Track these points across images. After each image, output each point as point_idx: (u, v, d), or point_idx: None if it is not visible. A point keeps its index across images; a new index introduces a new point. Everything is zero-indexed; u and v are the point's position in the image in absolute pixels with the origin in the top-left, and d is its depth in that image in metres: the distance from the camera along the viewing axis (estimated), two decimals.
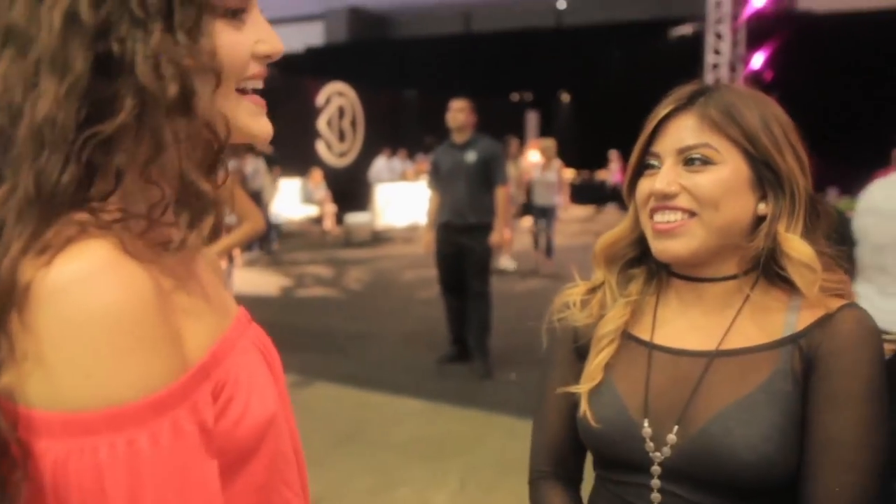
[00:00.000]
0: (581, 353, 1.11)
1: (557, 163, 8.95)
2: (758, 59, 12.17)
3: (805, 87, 13.66)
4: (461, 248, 4.99)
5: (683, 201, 0.98)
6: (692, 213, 0.98)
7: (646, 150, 1.04)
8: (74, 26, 0.59)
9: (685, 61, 12.67)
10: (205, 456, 0.61)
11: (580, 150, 17.91)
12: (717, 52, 11.06)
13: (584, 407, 1.03)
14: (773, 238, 0.98)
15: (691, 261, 1.02)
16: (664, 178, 0.99)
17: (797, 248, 0.97)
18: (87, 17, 0.59)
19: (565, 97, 21.19)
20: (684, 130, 1.00)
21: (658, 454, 0.98)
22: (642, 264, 1.10)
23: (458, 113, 4.92)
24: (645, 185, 1.02)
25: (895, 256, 2.68)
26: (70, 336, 0.55)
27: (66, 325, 0.55)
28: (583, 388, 1.05)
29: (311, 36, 22.86)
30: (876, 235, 2.74)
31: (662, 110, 1.02)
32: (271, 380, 0.73)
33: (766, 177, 0.99)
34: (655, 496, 0.98)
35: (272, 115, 0.72)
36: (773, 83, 12.64)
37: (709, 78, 10.90)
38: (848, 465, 0.91)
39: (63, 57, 0.59)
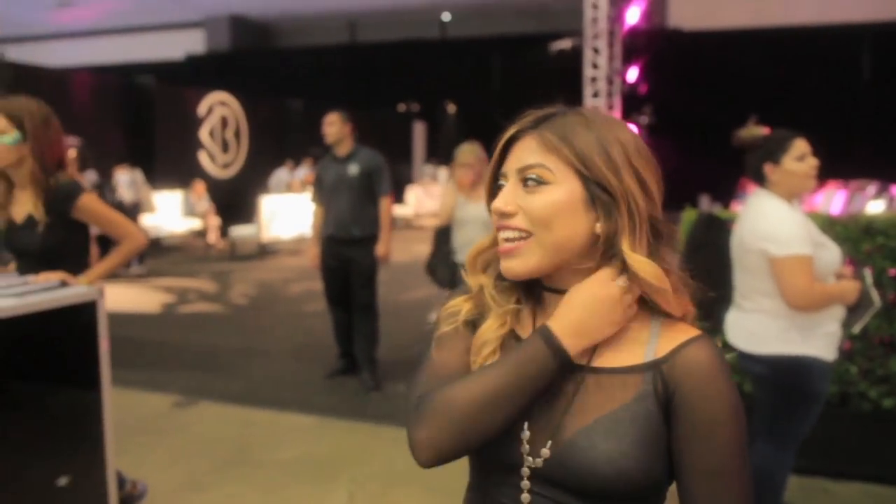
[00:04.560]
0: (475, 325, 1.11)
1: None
2: (632, 74, 12.72)
3: (676, 99, 14.45)
4: (346, 261, 4.97)
5: (519, 221, 1.01)
6: (528, 234, 1.02)
7: (497, 170, 1.08)
8: None
9: (565, 74, 13.09)
10: None
11: None
12: (594, 66, 11.45)
13: None
14: (621, 257, 1.01)
15: (532, 277, 1.04)
16: (503, 197, 1.04)
17: (641, 266, 1.00)
18: None
19: (451, 108, 21.44)
20: (525, 151, 1.04)
21: (535, 458, 1.00)
22: None
23: (329, 126, 4.88)
24: (493, 204, 1.06)
25: (738, 271, 2.79)
26: None
27: None
28: None
29: (191, 43, 22.25)
30: (733, 252, 2.82)
31: (507, 132, 1.07)
32: None
33: (599, 197, 1.01)
34: (525, 497, 1.01)
35: (151, 124, 0.66)
36: (647, 96, 13.27)
37: (587, 91, 11.29)
38: (722, 490, 0.97)
39: None
